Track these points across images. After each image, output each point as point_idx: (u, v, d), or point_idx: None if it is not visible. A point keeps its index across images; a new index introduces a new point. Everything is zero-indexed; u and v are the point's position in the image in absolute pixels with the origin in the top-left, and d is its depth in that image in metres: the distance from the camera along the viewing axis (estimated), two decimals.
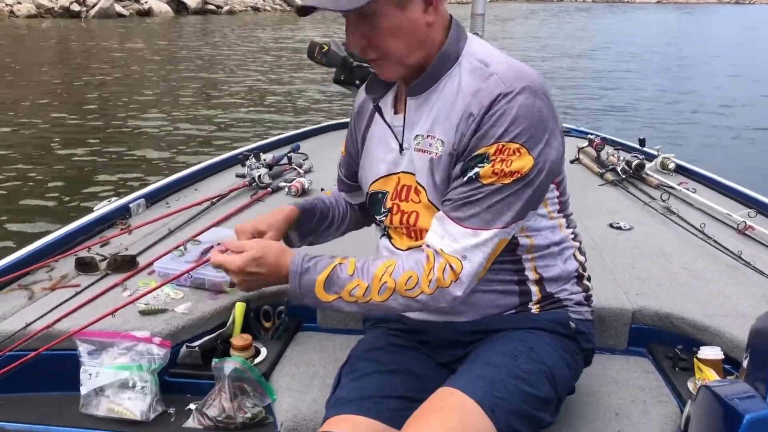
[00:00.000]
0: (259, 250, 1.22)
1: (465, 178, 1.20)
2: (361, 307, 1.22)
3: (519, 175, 1.18)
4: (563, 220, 1.39)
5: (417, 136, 1.30)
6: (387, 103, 1.38)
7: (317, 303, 1.22)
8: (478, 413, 1.12)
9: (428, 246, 1.22)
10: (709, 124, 9.53)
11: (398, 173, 1.35)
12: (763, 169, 7.07)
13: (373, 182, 1.40)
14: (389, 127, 1.36)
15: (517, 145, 1.17)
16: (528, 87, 1.18)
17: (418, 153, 1.30)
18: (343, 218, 1.58)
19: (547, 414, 1.24)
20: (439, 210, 1.26)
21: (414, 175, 1.32)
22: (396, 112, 1.36)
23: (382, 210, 1.38)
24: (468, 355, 1.34)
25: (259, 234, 1.36)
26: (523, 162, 1.17)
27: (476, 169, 1.19)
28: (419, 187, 1.31)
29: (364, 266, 1.21)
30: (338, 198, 1.60)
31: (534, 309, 1.36)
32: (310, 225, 1.51)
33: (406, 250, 1.34)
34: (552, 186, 1.31)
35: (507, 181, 1.18)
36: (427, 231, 1.28)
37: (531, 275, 1.35)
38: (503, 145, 1.17)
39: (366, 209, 1.49)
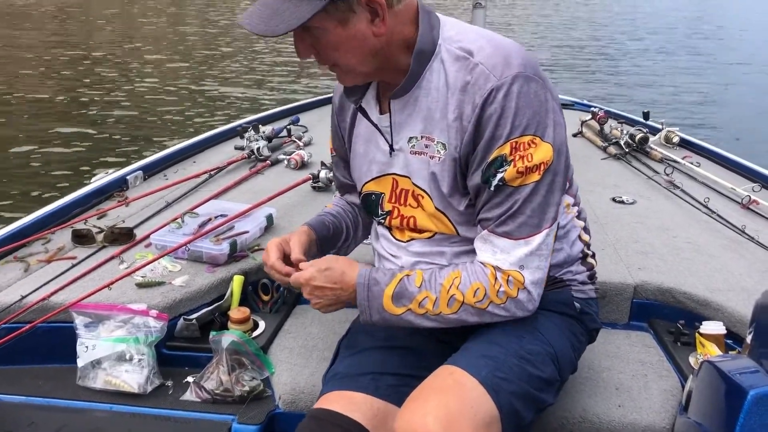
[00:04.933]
0: (324, 261, 1.23)
1: (492, 188, 1.14)
2: (432, 320, 1.19)
3: (545, 167, 1.13)
4: (570, 199, 1.35)
5: (411, 138, 1.24)
6: (369, 102, 1.31)
7: (386, 318, 1.20)
8: (479, 393, 1.09)
9: (483, 263, 1.18)
10: (717, 98, 9.44)
11: (391, 174, 1.30)
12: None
13: (366, 183, 1.35)
14: (376, 127, 1.29)
15: (529, 137, 1.12)
16: (519, 75, 1.12)
17: (414, 156, 1.24)
18: (356, 225, 1.52)
19: (549, 395, 1.22)
20: (447, 216, 1.24)
21: (409, 178, 1.27)
22: (381, 112, 1.28)
23: (381, 212, 1.34)
24: (470, 331, 1.30)
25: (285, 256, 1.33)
26: (543, 151, 1.13)
27: (499, 175, 1.13)
28: (420, 192, 1.26)
29: (432, 277, 1.18)
30: (344, 206, 1.53)
31: None
32: (328, 242, 1.45)
33: (408, 241, 1.31)
34: None
35: (536, 177, 1.13)
36: (427, 230, 1.27)
37: None
38: (516, 142, 1.12)
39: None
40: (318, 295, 1.23)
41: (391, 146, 1.27)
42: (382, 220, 1.35)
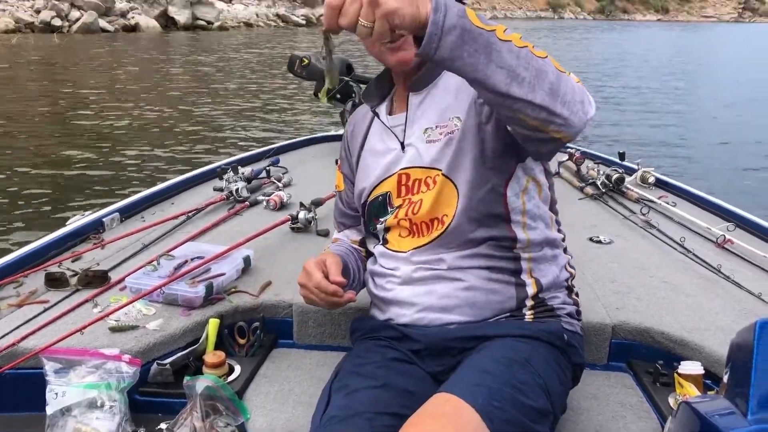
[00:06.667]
0: None
1: None
2: (512, 54, 1.04)
3: None
4: (555, 219, 1.44)
5: (426, 129, 1.36)
6: (381, 109, 1.47)
7: (464, 27, 1.00)
8: (475, 421, 1.09)
9: None
10: (691, 139, 9.64)
11: (397, 172, 1.39)
12: (741, 182, 7.16)
13: (372, 189, 1.43)
14: (389, 129, 1.41)
15: None
16: None
17: (429, 144, 1.35)
18: (358, 268, 1.54)
19: (544, 427, 1.21)
20: (455, 185, 1.31)
21: (421, 167, 1.36)
22: (391, 113, 1.45)
23: (389, 209, 1.40)
24: (460, 363, 1.31)
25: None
26: None
27: None
28: (434, 172, 1.33)
29: None
30: (344, 249, 1.55)
31: (528, 316, 1.36)
32: (346, 272, 1.43)
33: (409, 251, 1.37)
34: (543, 175, 1.39)
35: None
36: (426, 222, 1.33)
37: (527, 279, 1.36)
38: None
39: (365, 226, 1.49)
40: None
41: (402, 143, 1.39)
42: (390, 216, 1.39)
